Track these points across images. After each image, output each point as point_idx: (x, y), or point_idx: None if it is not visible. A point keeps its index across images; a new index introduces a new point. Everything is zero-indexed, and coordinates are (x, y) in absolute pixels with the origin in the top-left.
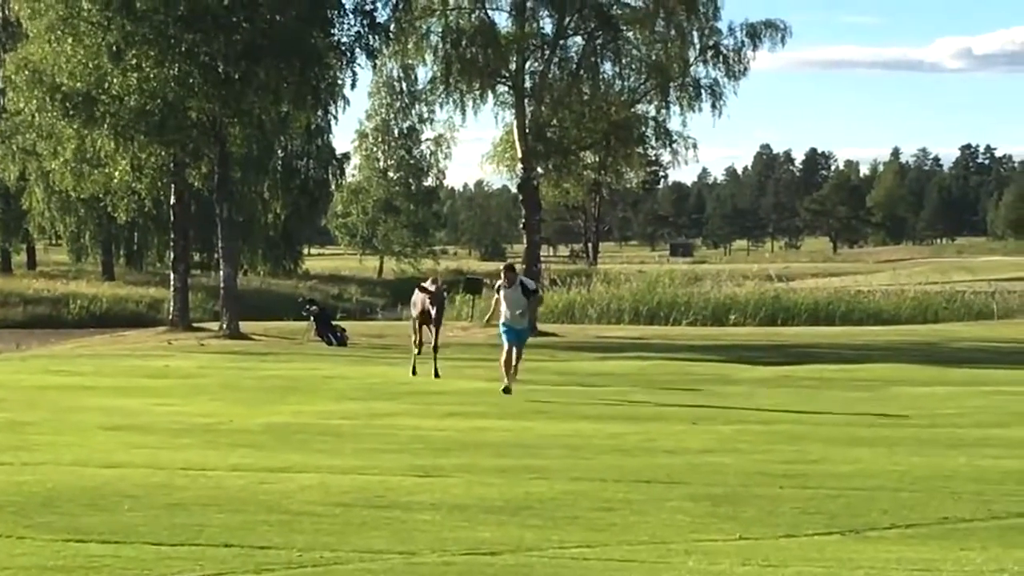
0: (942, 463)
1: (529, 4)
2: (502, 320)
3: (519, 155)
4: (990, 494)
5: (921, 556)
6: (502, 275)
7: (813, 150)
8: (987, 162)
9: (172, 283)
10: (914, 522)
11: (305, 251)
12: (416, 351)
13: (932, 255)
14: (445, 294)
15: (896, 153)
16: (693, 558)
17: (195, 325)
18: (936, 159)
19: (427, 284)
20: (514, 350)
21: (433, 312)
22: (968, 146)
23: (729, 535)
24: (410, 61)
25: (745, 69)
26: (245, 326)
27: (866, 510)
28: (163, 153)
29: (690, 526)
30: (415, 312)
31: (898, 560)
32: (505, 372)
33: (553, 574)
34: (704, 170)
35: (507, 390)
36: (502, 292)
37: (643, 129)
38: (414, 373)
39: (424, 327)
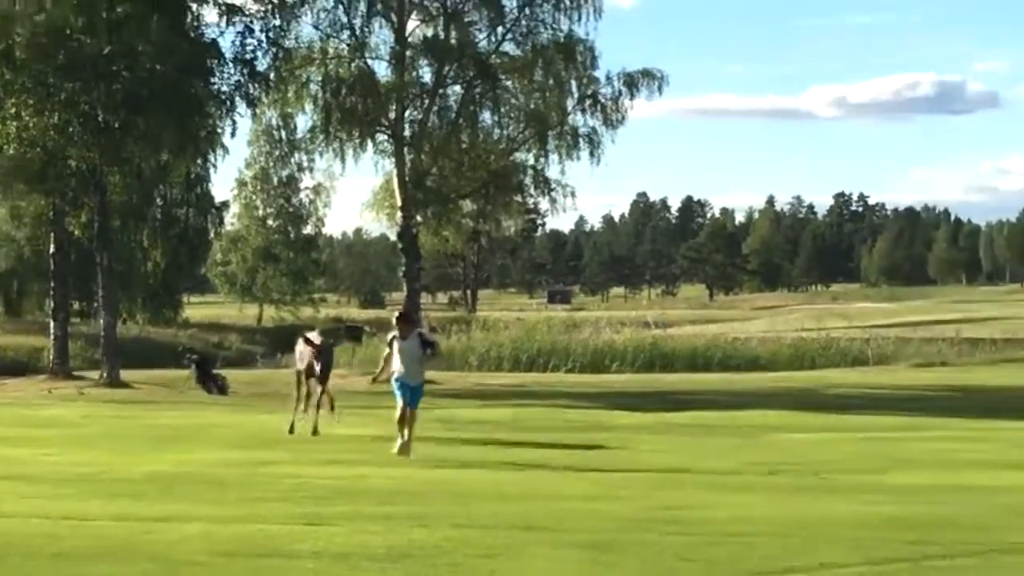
0: (820, 509)
1: (408, 53)
2: (395, 376)
3: (399, 203)
4: (867, 540)
5: None
6: (396, 326)
7: (689, 198)
8: (861, 210)
9: (52, 331)
10: (793, 567)
11: (185, 299)
12: (298, 407)
13: (807, 302)
14: (332, 347)
15: (771, 201)
16: None
17: (75, 374)
18: (811, 207)
19: (312, 336)
20: (408, 408)
21: (318, 368)
22: (842, 194)
23: None
24: (289, 110)
25: (623, 117)
26: (126, 375)
27: (746, 556)
28: (43, 202)
29: (571, 573)
30: (301, 366)
31: None
32: (399, 428)
33: None
34: (581, 218)
35: (404, 449)
36: (396, 345)
37: (522, 177)
38: (291, 431)
39: (309, 380)
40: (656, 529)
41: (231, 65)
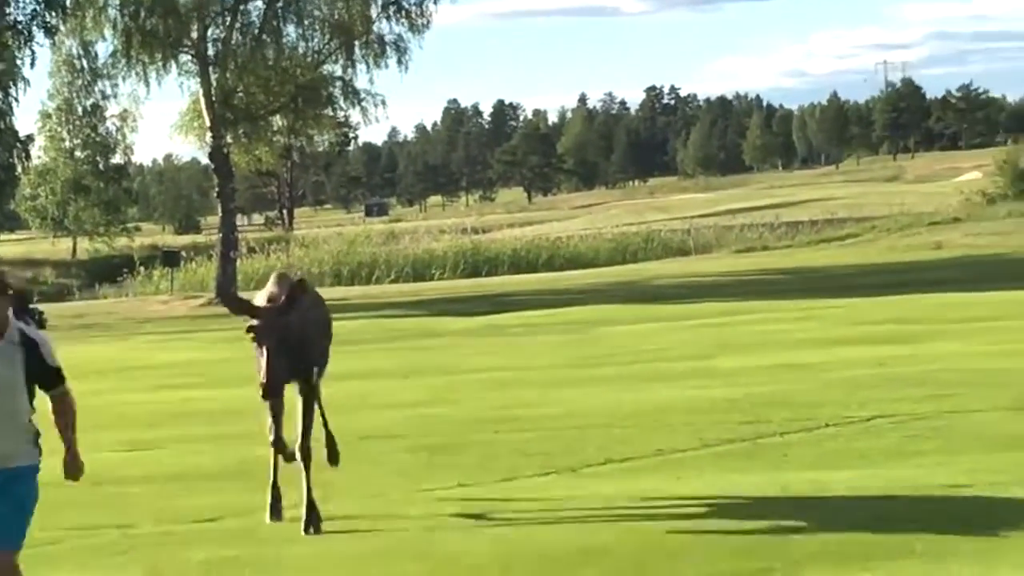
0: (651, 397)
1: None
2: None
3: (207, 124)
4: (700, 423)
5: (640, 488)
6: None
7: (500, 102)
8: (673, 102)
9: None
10: (629, 456)
11: None
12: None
13: (625, 197)
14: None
15: (583, 99)
16: (415, 507)
17: None
18: (623, 103)
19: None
20: None
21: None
22: (653, 88)
23: (449, 483)
24: (89, 37)
25: (428, 22)
26: None
27: (581, 448)
28: None
29: (410, 476)
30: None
31: (617, 494)
32: None
33: (276, 534)
34: (394, 129)
35: None
36: None
37: (331, 89)
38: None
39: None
40: (490, 428)
41: None
